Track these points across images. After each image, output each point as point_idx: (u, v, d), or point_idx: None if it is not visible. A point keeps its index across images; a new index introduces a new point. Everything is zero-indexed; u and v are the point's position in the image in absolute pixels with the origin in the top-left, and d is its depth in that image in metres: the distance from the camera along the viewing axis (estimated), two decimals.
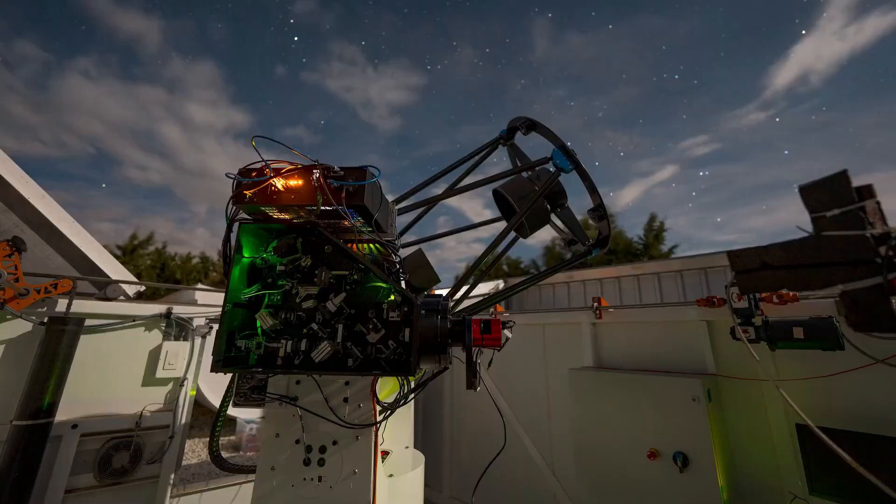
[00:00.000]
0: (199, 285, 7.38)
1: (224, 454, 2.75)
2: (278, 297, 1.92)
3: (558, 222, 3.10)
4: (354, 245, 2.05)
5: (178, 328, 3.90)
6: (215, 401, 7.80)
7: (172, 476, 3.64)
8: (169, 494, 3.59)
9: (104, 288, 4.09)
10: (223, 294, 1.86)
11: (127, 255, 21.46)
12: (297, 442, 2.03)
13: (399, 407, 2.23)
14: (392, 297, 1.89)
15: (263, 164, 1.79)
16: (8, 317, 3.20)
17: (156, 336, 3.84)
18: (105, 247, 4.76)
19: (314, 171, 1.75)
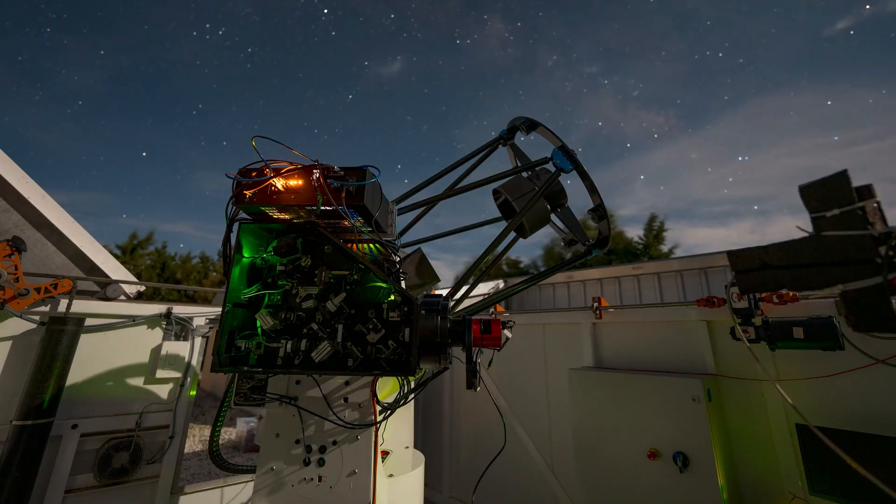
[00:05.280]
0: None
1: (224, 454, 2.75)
2: (278, 297, 1.92)
3: (558, 222, 3.10)
4: (354, 245, 2.05)
5: (178, 328, 3.89)
6: None
7: (172, 476, 3.64)
8: (169, 494, 3.59)
9: (105, 288, 4.09)
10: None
11: (127, 255, 21.44)
12: (297, 442, 2.04)
13: (399, 407, 2.23)
14: (392, 297, 1.89)
15: (263, 163, 1.79)
16: (8, 317, 3.20)
17: (156, 336, 3.83)
18: (105, 247, 4.77)
19: (314, 171, 1.75)
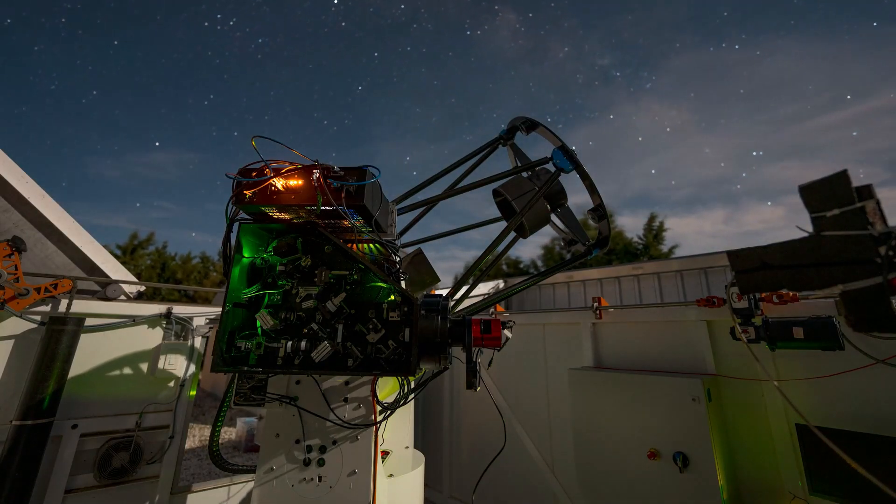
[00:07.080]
0: None
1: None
2: (278, 297, 1.92)
3: (558, 222, 3.10)
4: (354, 245, 2.05)
5: (178, 328, 3.89)
6: None
7: (172, 476, 3.64)
8: (169, 494, 3.59)
9: (105, 288, 4.09)
10: None
11: (127, 255, 21.43)
12: (297, 442, 2.04)
13: (399, 407, 2.23)
14: (392, 297, 1.89)
15: (263, 163, 1.79)
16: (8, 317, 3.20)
17: (156, 336, 3.83)
18: (105, 247, 4.77)
19: (314, 171, 1.75)
